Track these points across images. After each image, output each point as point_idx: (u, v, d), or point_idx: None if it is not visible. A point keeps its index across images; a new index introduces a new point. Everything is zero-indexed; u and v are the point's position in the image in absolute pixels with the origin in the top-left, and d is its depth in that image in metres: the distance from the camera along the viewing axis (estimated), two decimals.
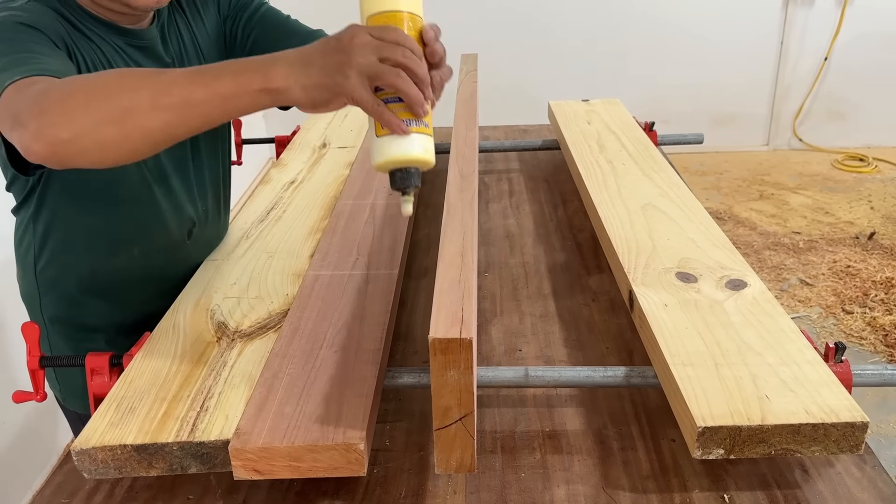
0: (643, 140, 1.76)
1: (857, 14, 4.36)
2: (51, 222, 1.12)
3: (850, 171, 4.34)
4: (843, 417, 0.83)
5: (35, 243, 1.15)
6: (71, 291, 1.18)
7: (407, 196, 0.84)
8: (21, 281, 1.24)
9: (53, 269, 1.16)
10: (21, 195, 1.11)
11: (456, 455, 0.84)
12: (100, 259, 1.16)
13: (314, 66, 0.75)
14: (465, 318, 0.80)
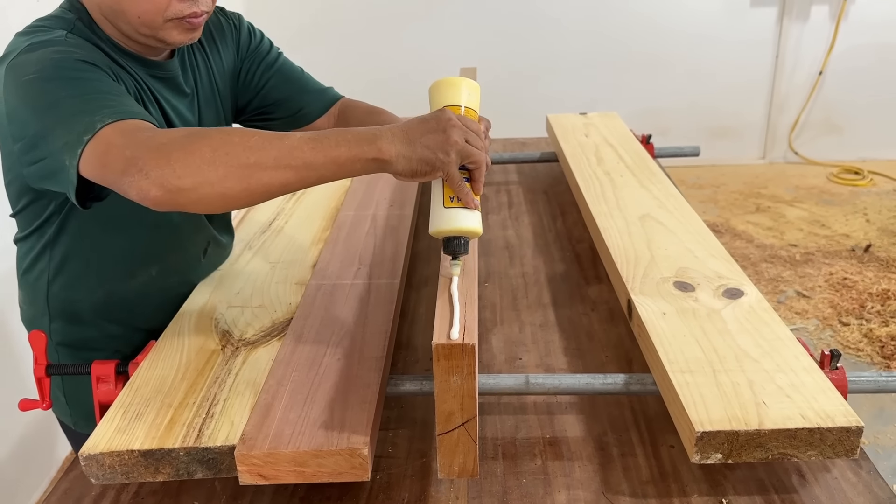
0: (640, 152, 1.79)
1: (851, 28, 4.40)
2: (71, 246, 1.12)
3: (846, 184, 4.37)
4: (838, 422, 0.85)
5: (50, 268, 1.14)
6: (84, 315, 1.18)
7: (457, 261, 0.93)
8: (27, 306, 1.22)
9: (67, 294, 1.16)
10: (35, 222, 1.11)
11: (459, 460, 0.85)
12: (117, 282, 1.17)
13: (418, 144, 0.88)
14: (468, 324, 0.82)
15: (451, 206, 0.92)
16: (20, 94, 0.94)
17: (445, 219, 0.92)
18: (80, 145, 0.87)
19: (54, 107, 0.91)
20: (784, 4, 4.39)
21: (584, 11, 4.39)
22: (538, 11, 4.39)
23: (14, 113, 0.95)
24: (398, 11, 4.32)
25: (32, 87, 0.93)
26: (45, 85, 0.92)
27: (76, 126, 0.88)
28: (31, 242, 1.14)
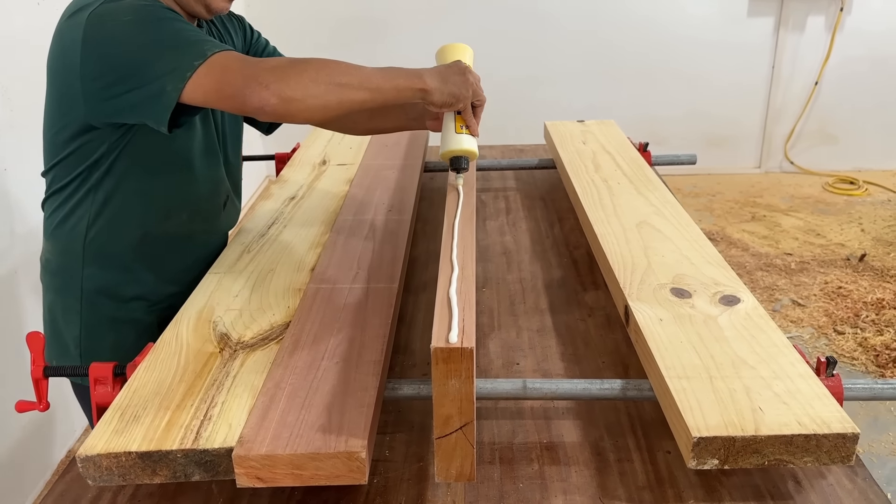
0: (637, 160, 1.80)
1: (846, 39, 4.43)
2: (114, 189, 1.23)
3: (841, 194, 4.39)
4: (834, 428, 0.85)
5: (91, 212, 1.24)
6: (118, 259, 1.28)
7: (460, 176, 1.26)
8: (56, 257, 1.29)
9: (105, 237, 1.25)
10: (81, 166, 1.21)
11: (456, 463, 0.85)
12: (153, 224, 1.28)
13: (448, 82, 1.18)
14: (466, 328, 0.82)
15: (461, 133, 1.23)
16: (113, 34, 1.08)
17: (456, 142, 1.23)
18: (189, 70, 1.04)
19: (156, 42, 1.07)
20: (780, 15, 4.42)
21: (582, 20, 4.42)
22: (536, 19, 4.41)
23: (100, 53, 1.08)
24: (395, 19, 4.34)
25: (129, 27, 1.07)
26: (143, 26, 1.07)
27: (183, 55, 1.05)
28: (72, 189, 1.23)
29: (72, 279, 1.28)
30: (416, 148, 2.00)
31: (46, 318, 1.35)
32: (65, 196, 1.25)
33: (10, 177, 2.06)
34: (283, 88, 1.03)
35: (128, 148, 1.20)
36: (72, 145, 1.20)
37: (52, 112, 1.21)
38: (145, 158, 1.22)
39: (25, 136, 2.12)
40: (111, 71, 1.08)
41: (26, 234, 2.12)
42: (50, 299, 1.33)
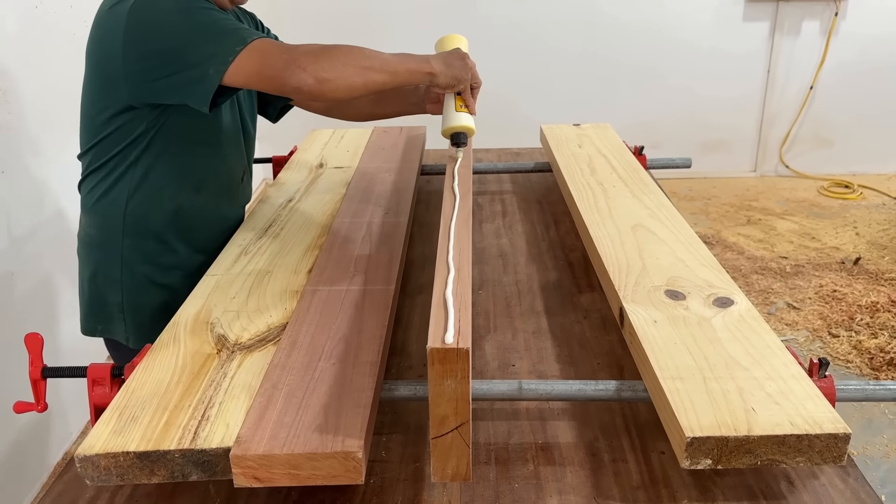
0: (633, 163, 1.81)
1: (841, 43, 4.46)
2: (151, 165, 1.34)
3: (836, 198, 4.41)
4: (826, 429, 0.86)
5: (130, 186, 1.35)
6: (155, 230, 1.39)
7: (459, 150, 1.43)
8: (96, 231, 1.41)
9: (144, 209, 1.37)
10: (120, 145, 1.32)
11: (452, 463, 0.86)
12: (186, 197, 1.40)
13: (451, 66, 1.36)
14: (462, 328, 0.83)
15: (460, 112, 1.42)
16: (156, 22, 1.20)
17: (456, 119, 1.42)
18: (232, 55, 1.16)
19: (198, 29, 1.19)
20: (776, 20, 4.44)
21: (578, 25, 4.43)
22: (533, 24, 4.43)
23: (144, 39, 1.19)
24: (393, 24, 4.35)
25: (172, 16, 1.19)
26: (185, 14, 1.19)
27: (225, 41, 1.18)
28: (112, 167, 1.34)
29: (113, 249, 1.39)
30: (412, 151, 2.01)
31: (86, 288, 1.45)
32: (105, 173, 1.35)
33: (7, 179, 2.06)
34: (318, 71, 1.17)
35: (165, 127, 1.32)
36: (112, 125, 1.30)
37: (92, 96, 1.32)
38: (181, 136, 1.34)
39: (23, 139, 2.13)
40: (155, 56, 1.20)
41: (22, 237, 2.12)
42: (91, 270, 1.43)
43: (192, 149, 1.38)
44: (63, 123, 2.34)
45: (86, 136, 1.36)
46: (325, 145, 2.09)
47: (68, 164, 2.36)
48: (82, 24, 2.43)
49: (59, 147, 2.33)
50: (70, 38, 2.39)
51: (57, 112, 2.32)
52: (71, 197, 2.35)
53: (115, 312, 1.43)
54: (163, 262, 1.42)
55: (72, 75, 2.38)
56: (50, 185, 2.27)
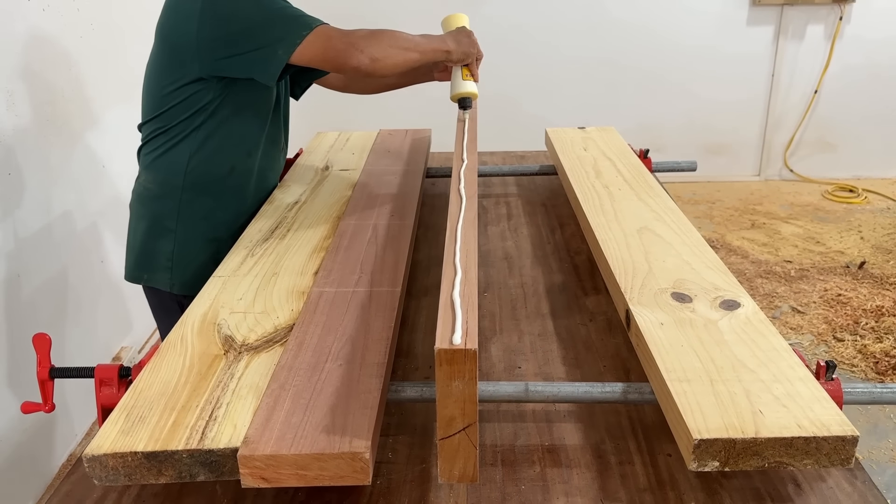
0: (638, 166, 1.81)
1: (845, 47, 4.45)
2: (214, 130, 1.52)
3: (841, 202, 4.40)
4: (833, 431, 0.86)
5: (192, 147, 1.53)
6: (211, 187, 1.57)
7: (465, 113, 1.66)
8: (156, 186, 1.57)
9: (203, 167, 1.55)
10: (188, 112, 1.50)
11: (459, 465, 0.86)
12: (239, 159, 1.59)
13: (461, 44, 1.62)
14: (469, 329, 0.83)
15: (467, 80, 1.66)
16: (231, 7, 1.39)
17: (464, 86, 1.66)
18: (299, 38, 1.38)
19: (269, 14, 1.39)
20: (780, 24, 4.44)
21: (582, 28, 4.44)
22: (537, 28, 4.43)
23: (219, 21, 1.39)
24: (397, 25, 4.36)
25: (244, 1, 1.39)
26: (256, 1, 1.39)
27: (293, 26, 1.39)
28: (178, 130, 1.51)
29: (170, 202, 1.56)
30: (417, 154, 2.01)
31: (139, 238, 1.61)
32: (170, 136, 1.52)
33: (14, 181, 2.07)
34: (372, 52, 1.42)
35: (229, 97, 1.51)
36: (181, 95, 1.48)
37: (161, 70, 1.50)
38: (241, 105, 1.53)
39: (30, 140, 2.14)
40: (230, 37, 1.39)
41: (28, 238, 2.13)
42: (147, 222, 1.59)
43: (248, 117, 1.56)
44: (69, 125, 2.35)
45: (151, 105, 1.53)
46: (331, 148, 2.09)
47: (74, 166, 2.37)
48: (89, 26, 2.44)
49: (66, 149, 2.34)
50: (77, 41, 2.40)
51: (63, 114, 2.32)
52: (77, 199, 2.37)
53: (163, 261, 1.58)
54: (214, 218, 1.59)
55: (77, 78, 2.39)
56: (56, 186, 2.28)
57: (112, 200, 2.60)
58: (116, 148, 2.62)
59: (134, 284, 1.65)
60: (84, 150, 2.45)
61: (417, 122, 2.51)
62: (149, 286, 1.64)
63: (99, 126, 2.53)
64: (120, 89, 2.66)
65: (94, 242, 2.51)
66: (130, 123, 2.72)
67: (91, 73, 2.48)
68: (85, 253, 2.45)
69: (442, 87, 2.14)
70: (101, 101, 2.54)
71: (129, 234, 1.65)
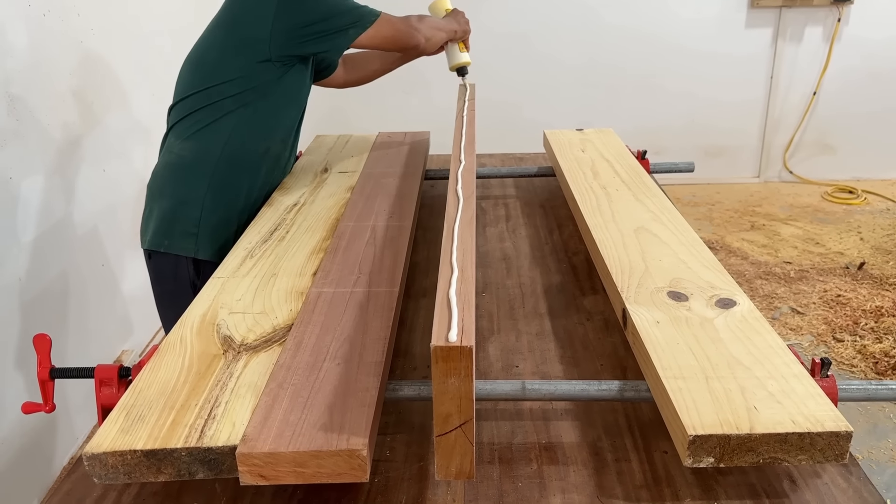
0: (636, 167, 1.82)
1: (844, 49, 4.46)
2: (257, 108, 1.67)
3: (840, 203, 4.41)
4: (828, 427, 0.86)
5: (235, 120, 1.65)
6: (244, 162, 1.69)
7: (464, 77, 2.04)
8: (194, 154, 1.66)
9: (242, 141, 1.67)
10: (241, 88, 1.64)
11: (456, 461, 0.87)
12: (274, 141, 1.75)
13: (461, 23, 1.98)
14: (465, 327, 0.84)
15: (462, 52, 2.00)
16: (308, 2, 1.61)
17: (461, 57, 2.00)
18: (369, 23, 1.67)
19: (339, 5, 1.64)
20: (778, 26, 4.45)
21: (581, 32, 4.45)
22: (536, 30, 4.45)
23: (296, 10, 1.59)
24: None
25: None
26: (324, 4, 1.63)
27: (361, 15, 1.66)
28: (227, 105, 1.64)
29: (204, 172, 1.66)
30: (416, 156, 2.02)
31: (163, 206, 1.68)
32: (216, 109, 1.65)
33: (14, 185, 2.08)
34: (426, 34, 1.84)
35: (280, 81, 1.68)
36: (237, 73, 1.63)
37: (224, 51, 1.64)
38: (287, 91, 1.71)
39: (31, 144, 2.15)
40: (308, 24, 1.61)
41: (29, 241, 2.14)
42: (175, 190, 1.68)
43: (288, 103, 1.74)
44: (69, 130, 2.36)
45: (199, 80, 1.66)
46: (330, 150, 2.10)
47: (74, 171, 2.38)
48: (89, 31, 2.45)
49: (66, 154, 2.35)
50: (77, 46, 2.41)
51: (63, 119, 2.33)
52: (77, 203, 2.38)
53: (189, 228, 1.66)
54: (241, 192, 1.69)
55: (77, 82, 2.40)
56: (56, 190, 2.29)
57: (112, 204, 2.61)
58: (116, 152, 2.63)
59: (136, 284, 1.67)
60: (84, 154, 2.46)
61: (416, 124, 2.52)
62: (166, 252, 1.69)
63: (99, 130, 2.54)
64: (119, 94, 2.68)
65: (94, 246, 2.52)
66: (130, 127, 2.74)
67: (91, 78, 2.49)
68: (86, 256, 2.46)
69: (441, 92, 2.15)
70: (100, 105, 2.55)
71: (150, 204, 1.72)
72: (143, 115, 2.82)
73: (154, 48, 2.93)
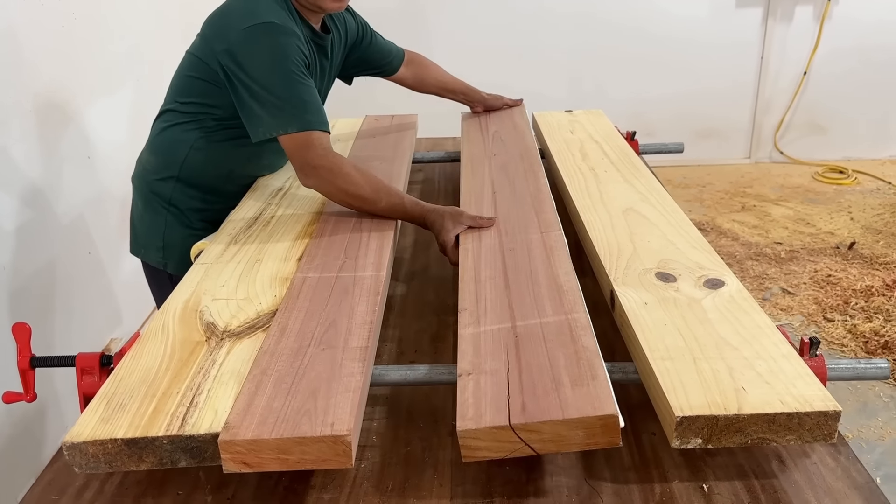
0: (625, 148, 1.80)
1: (834, 29, 4.44)
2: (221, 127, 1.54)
3: (831, 183, 4.40)
4: (816, 406, 0.86)
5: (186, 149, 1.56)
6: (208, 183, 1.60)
7: None
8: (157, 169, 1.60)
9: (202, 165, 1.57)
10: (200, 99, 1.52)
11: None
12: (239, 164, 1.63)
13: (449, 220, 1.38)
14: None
15: None
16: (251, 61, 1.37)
17: None
18: (287, 130, 1.37)
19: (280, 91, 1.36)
20: (769, 6, 4.43)
21: (571, 12, 4.41)
22: (526, 12, 4.41)
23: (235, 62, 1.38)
24: (386, 7, 4.33)
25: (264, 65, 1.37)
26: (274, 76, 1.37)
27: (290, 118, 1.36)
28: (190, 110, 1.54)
29: (166, 187, 1.59)
30: (404, 140, 2.00)
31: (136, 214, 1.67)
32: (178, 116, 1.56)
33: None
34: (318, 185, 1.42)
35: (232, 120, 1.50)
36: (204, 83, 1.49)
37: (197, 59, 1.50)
38: None
39: (14, 131, 2.12)
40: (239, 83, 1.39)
41: (14, 230, 2.11)
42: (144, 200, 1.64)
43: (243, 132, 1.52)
44: (53, 117, 2.33)
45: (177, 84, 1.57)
46: None
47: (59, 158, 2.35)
48: (71, 16, 2.41)
49: (50, 141, 2.32)
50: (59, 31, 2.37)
51: (47, 105, 2.30)
52: (63, 191, 2.35)
53: (157, 240, 1.62)
54: (205, 212, 1.61)
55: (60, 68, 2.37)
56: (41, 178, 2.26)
57: (98, 192, 2.58)
58: (100, 139, 2.60)
59: (123, 272, 1.65)
60: (69, 141, 2.42)
61: (403, 107, 2.50)
62: (144, 260, 1.68)
63: (83, 117, 2.51)
64: (104, 80, 2.64)
65: (81, 234, 2.49)
66: (115, 115, 2.71)
67: (74, 64, 2.45)
68: (72, 245, 2.43)
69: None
70: (85, 92, 2.52)
71: (131, 207, 1.70)
72: (128, 101, 2.78)
73: (140, 34, 2.89)
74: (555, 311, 1.07)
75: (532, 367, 0.94)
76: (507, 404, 0.88)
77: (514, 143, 1.87)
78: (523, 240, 1.31)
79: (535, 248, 1.27)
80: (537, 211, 1.43)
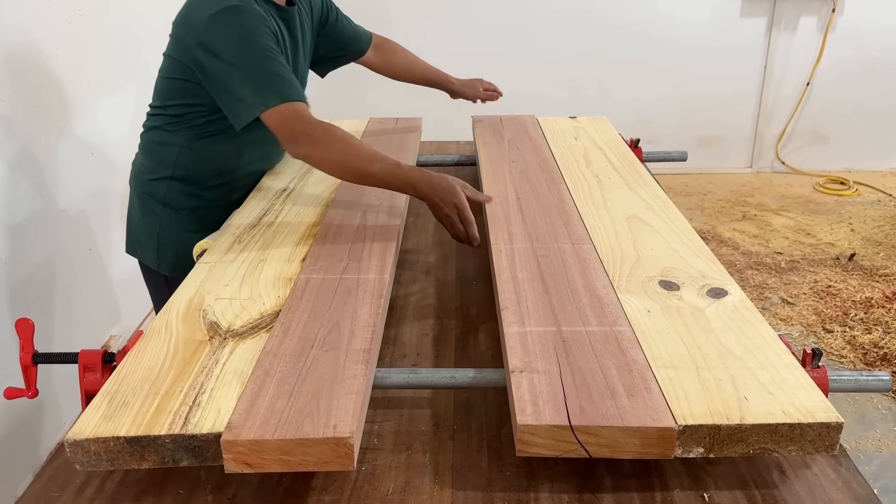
0: (629, 155, 1.80)
1: (838, 40, 4.45)
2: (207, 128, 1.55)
3: (832, 194, 4.41)
4: (818, 418, 0.86)
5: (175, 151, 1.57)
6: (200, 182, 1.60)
7: None
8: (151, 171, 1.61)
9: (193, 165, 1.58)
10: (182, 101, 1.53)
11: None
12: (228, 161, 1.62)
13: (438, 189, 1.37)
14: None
15: None
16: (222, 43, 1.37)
17: None
18: (269, 104, 1.35)
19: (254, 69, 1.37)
20: (773, 16, 4.44)
21: (575, 19, 4.42)
22: (530, 17, 4.42)
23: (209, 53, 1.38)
24: (388, 14, 4.34)
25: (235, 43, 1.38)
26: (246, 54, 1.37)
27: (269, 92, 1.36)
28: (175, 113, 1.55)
29: (160, 188, 1.60)
30: (408, 142, 2.00)
31: (132, 215, 1.68)
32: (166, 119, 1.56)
33: (0, 169, 2.05)
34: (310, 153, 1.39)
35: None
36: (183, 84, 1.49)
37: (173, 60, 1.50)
38: None
39: (16, 127, 2.12)
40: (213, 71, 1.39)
41: (15, 224, 2.11)
42: (139, 201, 1.64)
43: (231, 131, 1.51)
44: (56, 113, 2.33)
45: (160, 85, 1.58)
46: None
47: (61, 154, 2.35)
48: (77, 12, 2.41)
49: (52, 137, 2.32)
50: (65, 27, 2.37)
51: (50, 101, 2.30)
52: (64, 187, 2.35)
53: (151, 241, 1.63)
54: (198, 212, 1.61)
55: (64, 64, 2.37)
56: (43, 174, 2.26)
57: (99, 188, 2.58)
58: (103, 135, 2.60)
59: (124, 269, 1.65)
60: (71, 137, 2.42)
61: (408, 110, 2.50)
62: (140, 260, 1.70)
63: (86, 113, 2.51)
64: (107, 76, 2.64)
65: (82, 230, 2.49)
66: (117, 111, 2.71)
67: (78, 60, 2.46)
68: (73, 241, 2.43)
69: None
70: (87, 88, 2.52)
71: (128, 208, 1.71)
72: (133, 98, 2.79)
73: (143, 30, 2.90)
74: (598, 322, 1.07)
75: (584, 373, 0.95)
76: (564, 405, 0.88)
77: (530, 151, 1.87)
78: (555, 248, 1.31)
79: (569, 257, 1.27)
80: (565, 222, 1.42)
